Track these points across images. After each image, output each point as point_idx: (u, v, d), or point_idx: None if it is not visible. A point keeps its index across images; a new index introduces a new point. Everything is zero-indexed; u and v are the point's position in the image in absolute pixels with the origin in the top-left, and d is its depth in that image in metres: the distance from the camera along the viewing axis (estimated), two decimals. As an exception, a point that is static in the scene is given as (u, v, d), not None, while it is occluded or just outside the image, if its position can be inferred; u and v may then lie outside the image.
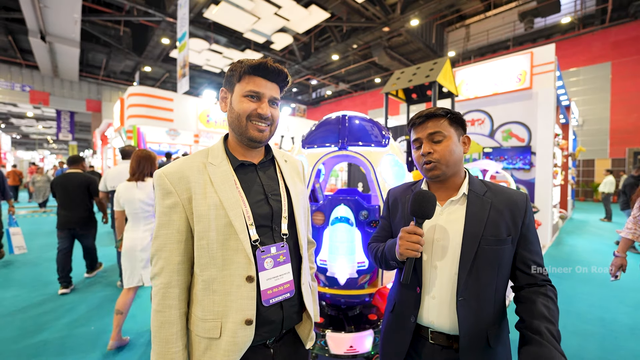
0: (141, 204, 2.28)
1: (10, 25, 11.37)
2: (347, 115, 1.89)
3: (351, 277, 1.72)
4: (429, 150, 0.90)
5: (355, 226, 1.69)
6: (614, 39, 11.95)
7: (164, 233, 0.80)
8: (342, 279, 1.71)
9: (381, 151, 1.77)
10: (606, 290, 3.50)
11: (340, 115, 1.91)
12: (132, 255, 2.27)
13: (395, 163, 1.84)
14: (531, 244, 0.88)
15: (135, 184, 2.31)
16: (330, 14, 10.57)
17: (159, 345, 0.78)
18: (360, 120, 1.89)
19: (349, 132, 1.79)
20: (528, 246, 0.88)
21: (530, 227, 0.89)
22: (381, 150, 1.77)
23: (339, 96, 21.57)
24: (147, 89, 8.66)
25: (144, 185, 2.32)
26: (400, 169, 1.84)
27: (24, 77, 15.49)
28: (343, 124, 1.83)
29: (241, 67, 0.83)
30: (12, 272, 3.98)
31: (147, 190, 2.32)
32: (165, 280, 0.79)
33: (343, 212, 1.71)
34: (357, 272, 1.70)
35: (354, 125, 1.83)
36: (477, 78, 6.48)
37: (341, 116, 1.90)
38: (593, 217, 8.95)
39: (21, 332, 2.50)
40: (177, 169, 0.82)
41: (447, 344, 0.89)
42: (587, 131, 12.75)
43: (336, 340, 1.75)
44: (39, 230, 6.52)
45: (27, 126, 24.80)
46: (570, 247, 5.47)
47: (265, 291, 0.82)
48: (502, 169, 5.80)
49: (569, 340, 2.45)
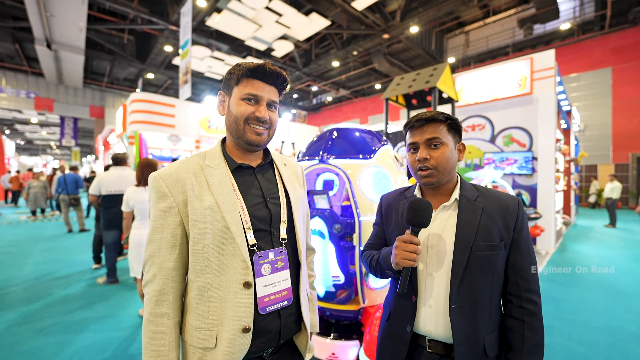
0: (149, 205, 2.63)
1: (17, 34, 11.57)
2: (335, 130, 1.95)
3: (328, 291, 1.71)
4: (426, 156, 0.88)
5: (329, 240, 1.67)
6: (614, 44, 11.98)
7: (157, 237, 0.77)
8: (319, 291, 1.73)
9: (364, 164, 1.78)
10: (612, 298, 3.43)
11: (329, 130, 1.98)
12: (141, 250, 2.61)
13: (381, 175, 1.82)
14: (523, 249, 0.87)
15: (144, 188, 2.69)
16: (331, 22, 10.68)
17: (151, 357, 0.74)
18: (350, 132, 1.93)
19: (331, 146, 1.85)
20: (519, 250, 0.87)
21: (522, 232, 0.87)
22: (364, 162, 1.78)
23: (339, 102, 21.67)
24: (149, 95, 8.74)
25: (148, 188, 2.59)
26: (386, 181, 1.82)
27: (29, 84, 15.69)
28: (329, 138, 1.90)
29: (239, 70, 0.81)
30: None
31: None
32: (159, 287, 0.75)
33: (317, 224, 1.69)
34: (334, 287, 1.70)
35: (339, 139, 1.89)
36: (477, 84, 6.49)
37: (329, 131, 1.96)
38: (597, 223, 8.85)
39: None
40: (173, 172, 0.80)
41: (445, 352, 0.86)
42: (589, 136, 12.71)
43: (319, 344, 1.76)
44: (40, 236, 6.52)
45: (31, 132, 25.05)
46: (575, 253, 5.40)
47: (262, 298, 0.78)
48: (502, 176, 5.78)
49: (575, 351, 2.39)
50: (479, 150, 6.45)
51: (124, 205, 2.71)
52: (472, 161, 6.52)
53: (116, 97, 18.34)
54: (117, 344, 2.40)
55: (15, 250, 5.31)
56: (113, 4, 9.32)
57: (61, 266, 4.41)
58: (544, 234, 5.47)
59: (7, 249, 5.40)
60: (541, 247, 5.56)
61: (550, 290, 3.69)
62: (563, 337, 2.59)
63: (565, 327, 2.76)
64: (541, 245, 5.58)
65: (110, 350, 2.32)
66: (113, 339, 2.48)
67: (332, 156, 1.80)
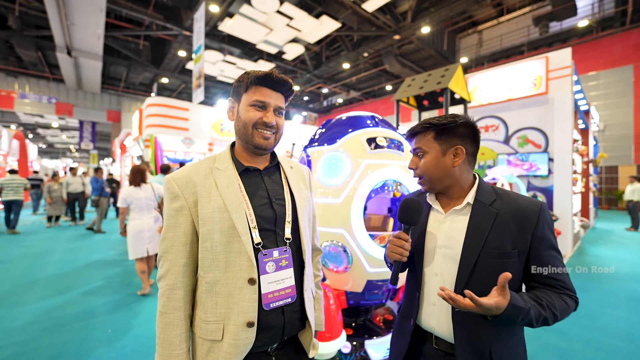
0: (146, 200, 3.43)
1: (40, 42, 12.11)
2: (336, 118, 2.07)
3: None
4: (413, 166, 0.95)
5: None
6: (636, 41, 11.52)
7: (170, 235, 0.83)
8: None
9: (324, 149, 1.84)
10: (634, 304, 3.31)
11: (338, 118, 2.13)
12: (140, 235, 3.34)
13: (334, 160, 1.77)
14: (546, 258, 0.82)
15: (137, 188, 3.40)
16: (341, 24, 10.70)
17: (163, 347, 0.79)
18: (337, 120, 2.02)
19: (319, 135, 1.99)
20: (543, 260, 0.81)
21: (544, 240, 0.82)
22: (324, 148, 1.85)
23: (350, 104, 21.65)
24: (164, 99, 8.97)
25: (143, 187, 3.45)
26: (341, 164, 1.75)
27: (50, 90, 16.36)
28: (324, 126, 2.08)
29: (248, 78, 0.86)
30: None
31: (147, 190, 3.47)
32: (171, 281, 0.81)
33: None
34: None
35: (325, 128, 2.03)
36: (491, 84, 6.38)
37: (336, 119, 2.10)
38: (618, 226, 8.53)
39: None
40: (185, 174, 0.85)
41: (450, 351, 0.87)
42: (610, 136, 12.26)
43: (375, 347, 1.79)
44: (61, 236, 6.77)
45: (52, 136, 26.09)
46: (593, 257, 5.23)
47: (266, 295, 0.82)
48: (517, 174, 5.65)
49: (592, 357, 2.33)
50: (492, 151, 6.33)
51: (120, 202, 3.33)
52: (486, 162, 6.41)
53: (132, 101, 18.88)
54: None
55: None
56: (129, 12, 9.63)
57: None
58: (560, 237, 5.32)
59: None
60: (558, 251, 5.41)
61: (567, 295, 3.59)
62: (580, 343, 2.52)
63: (584, 333, 2.69)
64: (558, 249, 5.43)
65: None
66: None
67: (315, 144, 1.95)
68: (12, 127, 20.51)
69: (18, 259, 4.90)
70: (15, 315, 2.92)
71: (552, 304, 0.76)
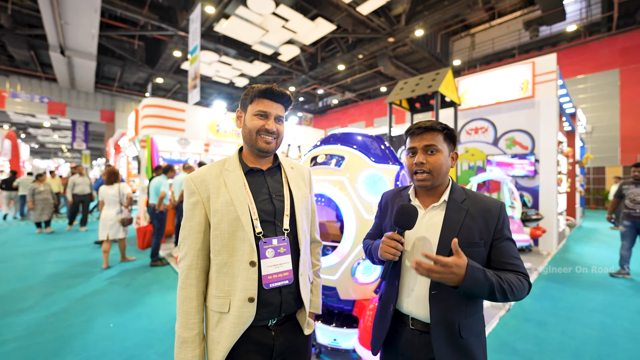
0: (113, 196, 4.40)
1: (32, 41, 11.99)
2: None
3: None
4: (422, 160, 1.01)
5: None
6: (622, 45, 11.91)
7: (188, 225, 0.99)
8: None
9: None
10: (610, 297, 3.52)
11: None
12: (104, 223, 4.32)
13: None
14: (504, 246, 0.97)
15: (109, 186, 4.42)
16: (336, 26, 10.85)
17: (181, 316, 0.96)
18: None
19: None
20: (501, 247, 0.97)
21: (504, 232, 0.98)
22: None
23: (345, 105, 21.82)
24: (161, 100, 8.99)
25: (113, 186, 4.44)
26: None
27: (42, 89, 16.18)
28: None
29: (252, 91, 1.03)
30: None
31: (114, 189, 4.43)
32: (188, 263, 0.98)
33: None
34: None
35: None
36: (481, 87, 6.58)
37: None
38: (604, 225, 8.83)
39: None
40: (201, 174, 1.02)
41: (425, 329, 1.01)
42: (597, 138, 12.62)
43: (323, 330, 1.95)
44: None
45: (44, 136, 25.76)
46: (577, 254, 5.45)
47: (266, 276, 0.98)
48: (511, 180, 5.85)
49: (566, 344, 2.50)
50: (481, 152, 6.53)
51: (100, 196, 4.41)
52: (475, 163, 6.61)
53: (126, 101, 18.78)
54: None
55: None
56: (124, 12, 9.65)
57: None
58: (545, 235, 5.54)
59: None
60: (543, 248, 5.62)
61: (548, 288, 3.78)
62: (556, 332, 2.70)
63: (560, 323, 2.87)
64: (543, 246, 5.64)
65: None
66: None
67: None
68: (5, 127, 20.24)
69: (17, 257, 4.94)
70: (19, 311, 3.00)
71: (509, 279, 0.90)
